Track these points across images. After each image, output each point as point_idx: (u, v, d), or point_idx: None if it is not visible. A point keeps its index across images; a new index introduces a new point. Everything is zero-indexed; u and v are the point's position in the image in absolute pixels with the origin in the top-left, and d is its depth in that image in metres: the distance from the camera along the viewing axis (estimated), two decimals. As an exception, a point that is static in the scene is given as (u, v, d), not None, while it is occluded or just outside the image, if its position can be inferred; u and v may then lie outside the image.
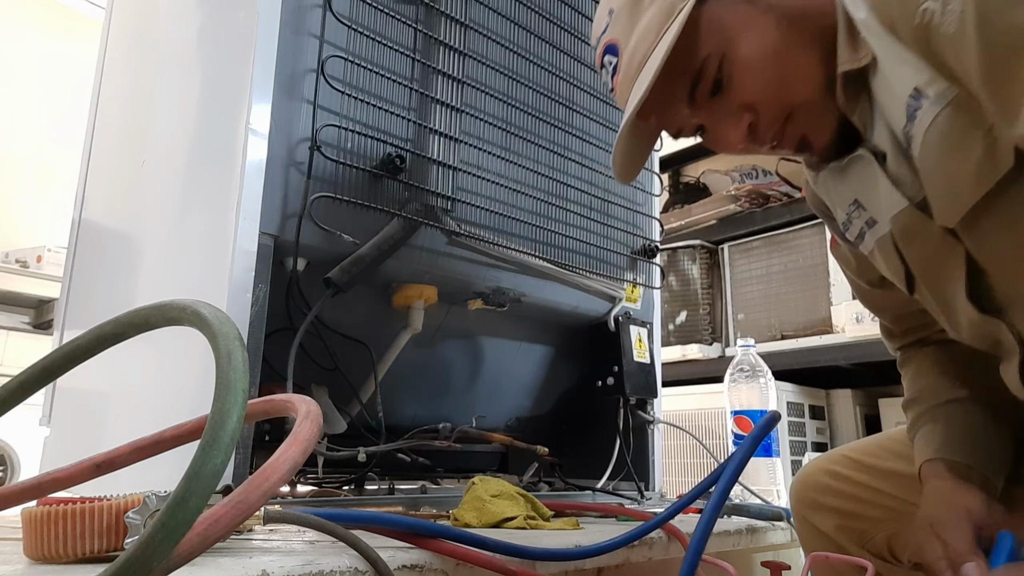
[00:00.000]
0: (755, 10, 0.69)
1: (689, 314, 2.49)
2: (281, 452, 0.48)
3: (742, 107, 0.71)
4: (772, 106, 0.70)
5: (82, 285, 1.31)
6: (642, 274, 1.40)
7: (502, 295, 1.15)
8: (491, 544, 0.67)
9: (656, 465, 1.37)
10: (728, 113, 0.72)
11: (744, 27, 0.69)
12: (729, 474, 0.64)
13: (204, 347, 0.47)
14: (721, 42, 0.70)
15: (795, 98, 0.69)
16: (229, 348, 0.46)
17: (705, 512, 0.63)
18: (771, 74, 0.69)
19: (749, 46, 0.69)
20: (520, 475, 1.27)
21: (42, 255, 2.75)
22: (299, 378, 0.91)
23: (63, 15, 3.38)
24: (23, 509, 0.58)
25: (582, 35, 1.31)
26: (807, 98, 0.68)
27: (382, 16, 1.04)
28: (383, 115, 1.02)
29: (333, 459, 0.98)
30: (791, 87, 0.68)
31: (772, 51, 0.68)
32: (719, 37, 0.70)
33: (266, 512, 0.61)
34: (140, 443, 0.68)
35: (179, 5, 1.18)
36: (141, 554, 0.38)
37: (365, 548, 0.60)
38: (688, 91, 0.72)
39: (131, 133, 1.26)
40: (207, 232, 0.94)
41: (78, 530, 0.54)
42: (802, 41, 0.67)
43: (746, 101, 0.70)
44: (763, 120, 0.70)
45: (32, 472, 0.81)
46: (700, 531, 0.62)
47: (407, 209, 1.02)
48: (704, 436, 2.01)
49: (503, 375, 1.34)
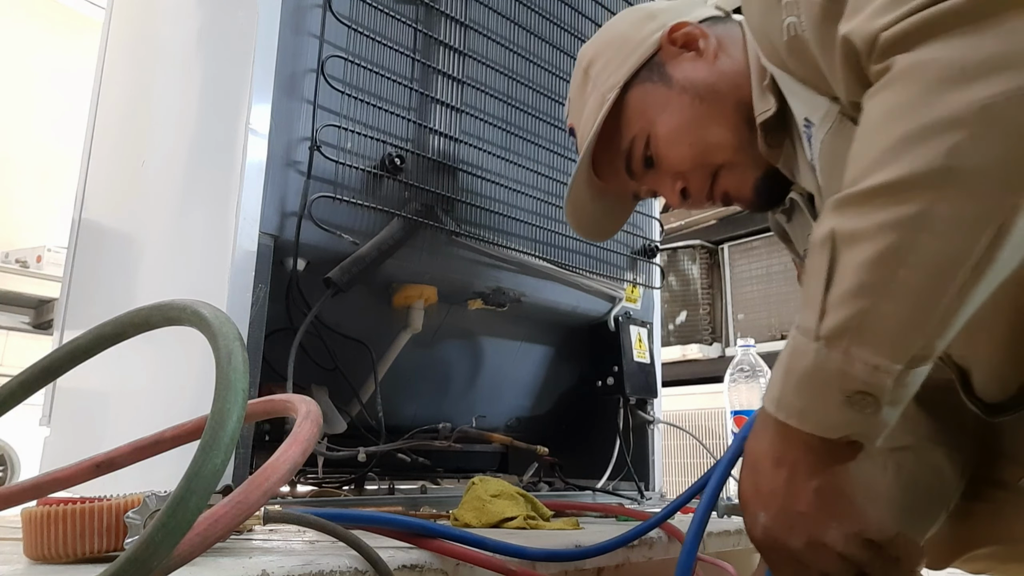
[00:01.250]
0: (672, 92, 0.77)
1: (689, 314, 2.49)
2: (281, 452, 0.48)
3: (673, 176, 0.79)
4: (697, 172, 0.78)
5: (82, 285, 1.31)
6: (642, 274, 1.40)
7: (502, 295, 1.15)
8: (491, 544, 0.67)
9: (656, 465, 1.37)
10: (663, 181, 0.81)
11: (663, 108, 0.78)
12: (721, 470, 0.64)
13: (204, 347, 0.47)
14: (645, 123, 0.79)
15: (716, 160, 0.76)
16: (229, 348, 0.46)
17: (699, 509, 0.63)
18: (689, 145, 0.77)
19: (668, 124, 0.78)
20: (520, 475, 1.27)
21: (42, 255, 2.75)
22: (299, 378, 0.91)
23: (63, 15, 3.38)
24: (23, 509, 0.58)
25: (582, 35, 1.31)
26: (727, 159, 0.76)
27: (382, 16, 1.04)
28: (383, 115, 1.02)
29: (333, 459, 0.98)
30: (710, 153, 0.76)
31: (688, 125, 0.76)
32: (643, 119, 0.79)
33: (266, 512, 0.61)
34: (140, 443, 0.68)
35: (179, 5, 1.18)
36: (141, 554, 0.38)
37: (365, 548, 0.60)
38: (624, 167, 0.82)
39: (131, 133, 1.26)
40: (207, 232, 0.94)
41: (78, 530, 0.54)
42: (715, 112, 0.75)
43: (674, 171, 0.79)
44: (693, 185, 0.79)
45: (32, 472, 0.81)
46: (694, 529, 0.62)
47: (407, 209, 1.02)
48: (704, 436, 2.02)
49: (503, 375, 1.34)
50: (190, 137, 1.07)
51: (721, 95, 0.75)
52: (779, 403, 0.53)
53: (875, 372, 0.47)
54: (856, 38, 0.51)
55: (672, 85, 0.78)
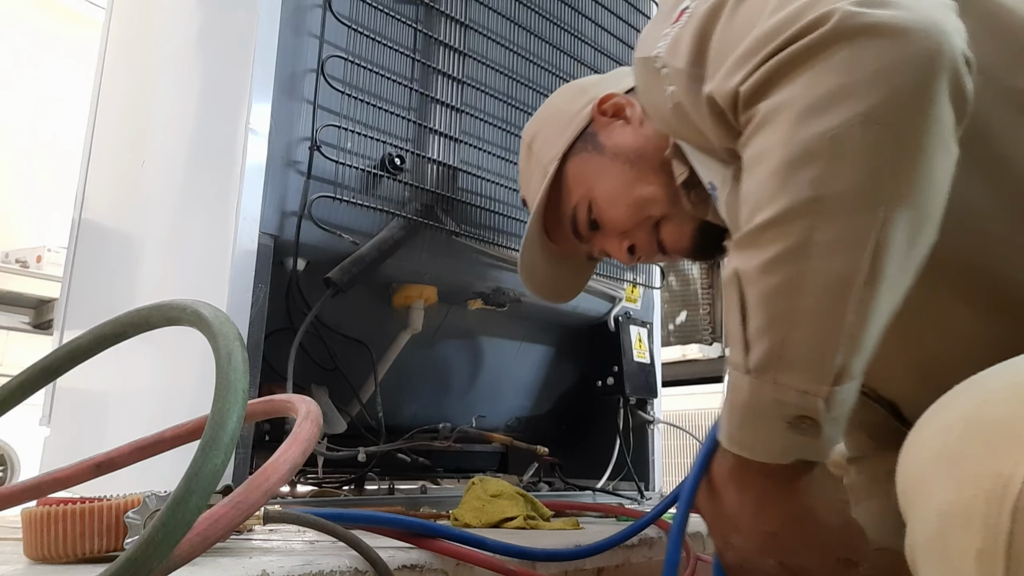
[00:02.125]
0: (605, 158, 0.83)
1: (689, 314, 2.49)
2: (281, 452, 0.48)
3: (618, 236, 0.84)
4: (639, 229, 0.83)
5: (82, 285, 1.31)
6: (642, 274, 1.40)
7: (502, 295, 1.15)
8: (491, 544, 0.67)
9: (656, 465, 1.37)
10: (610, 242, 0.86)
11: (598, 174, 0.83)
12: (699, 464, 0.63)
13: (204, 347, 0.47)
14: (584, 191, 0.84)
15: (654, 214, 0.81)
16: (229, 348, 0.46)
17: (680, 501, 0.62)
18: (627, 206, 0.82)
19: (605, 189, 0.83)
20: (520, 475, 1.27)
21: (42, 255, 2.75)
22: (299, 378, 0.91)
23: (63, 15, 3.38)
24: (23, 509, 0.58)
25: (582, 35, 1.31)
26: (663, 212, 0.80)
27: (382, 16, 1.04)
28: (383, 115, 1.02)
29: (333, 459, 0.98)
30: (646, 208, 0.81)
31: (622, 188, 0.81)
32: (582, 187, 0.84)
33: (266, 512, 0.61)
34: (140, 443, 0.68)
35: (179, 5, 1.18)
36: (141, 554, 0.38)
37: (365, 548, 0.60)
38: (572, 231, 0.87)
39: (131, 133, 1.26)
40: (207, 232, 0.94)
41: (78, 530, 0.54)
42: (645, 173, 0.79)
43: (619, 231, 0.84)
44: (638, 242, 0.84)
45: (32, 472, 0.81)
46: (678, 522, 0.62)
47: (407, 209, 1.02)
48: (704, 436, 2.01)
49: (503, 375, 1.34)
50: (190, 137, 1.07)
51: (647, 157, 0.79)
52: (730, 438, 0.55)
53: (805, 396, 0.49)
54: (718, 96, 0.55)
55: (604, 152, 0.83)
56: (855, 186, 0.47)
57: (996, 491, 0.36)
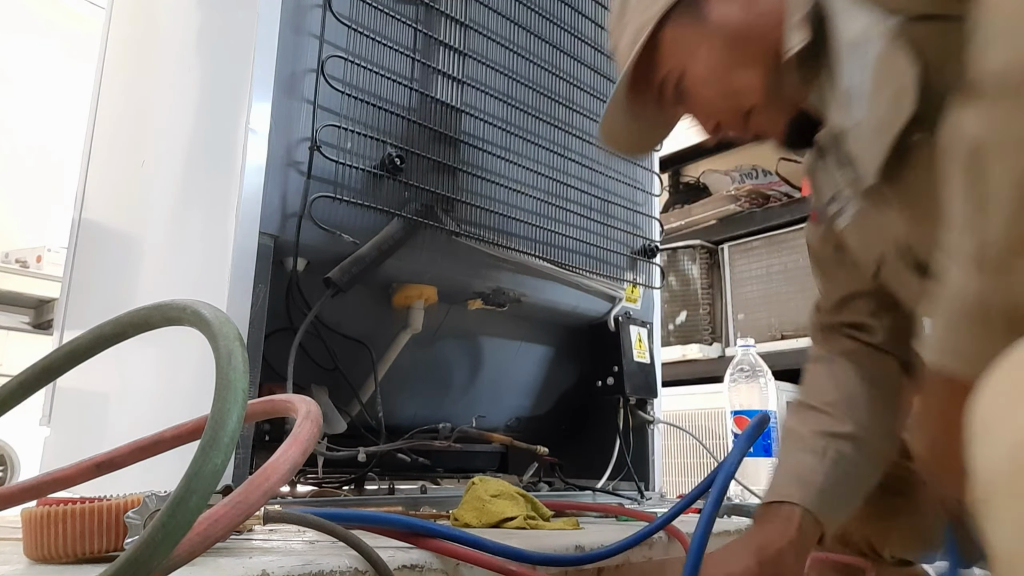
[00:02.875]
0: (704, 32, 0.77)
1: (689, 314, 2.49)
2: (281, 452, 0.48)
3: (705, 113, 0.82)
4: (728, 113, 0.79)
5: (82, 285, 1.31)
6: (642, 274, 1.40)
7: (502, 295, 1.15)
8: (490, 546, 0.67)
9: (656, 465, 1.37)
10: (697, 114, 0.83)
11: (694, 49, 0.78)
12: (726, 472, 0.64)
13: (204, 347, 0.47)
14: (676, 63, 0.79)
15: (745, 104, 0.77)
16: (229, 348, 0.46)
17: (704, 511, 0.63)
18: (718, 91, 0.78)
19: (698, 68, 0.78)
20: (520, 475, 1.27)
21: (42, 255, 2.75)
22: (299, 378, 0.91)
23: (63, 15, 3.38)
24: (23, 509, 0.58)
25: (582, 35, 1.31)
26: (756, 102, 0.76)
27: (382, 16, 1.04)
28: (383, 115, 1.02)
29: (333, 459, 0.98)
30: (739, 98, 0.77)
31: (717, 71, 0.77)
32: (674, 59, 0.79)
33: (266, 512, 0.61)
34: (140, 443, 0.68)
35: (179, 5, 1.18)
36: (141, 554, 0.38)
37: (365, 548, 0.60)
38: (657, 96, 0.83)
39: (131, 133, 1.26)
40: (207, 232, 0.94)
41: (78, 530, 0.54)
42: (747, 57, 0.75)
43: (705, 110, 0.81)
44: (725, 122, 0.80)
45: (32, 472, 0.81)
46: (700, 531, 0.62)
47: (407, 209, 1.02)
48: (704, 436, 2.01)
49: (503, 375, 1.34)
50: (190, 137, 1.07)
51: (753, 38, 0.74)
52: (955, 352, 0.48)
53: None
54: None
55: (707, 24, 0.77)
56: None
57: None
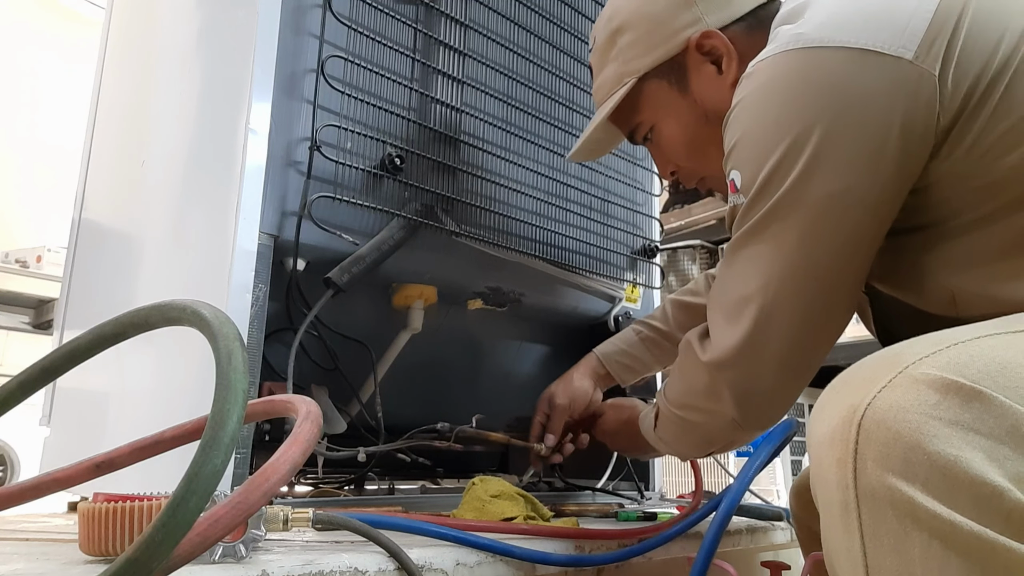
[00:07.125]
0: (684, 102, 0.83)
1: (689, 314, 2.49)
2: (281, 452, 0.48)
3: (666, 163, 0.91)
4: (686, 171, 0.90)
5: (82, 285, 1.31)
6: (642, 274, 1.40)
7: (502, 295, 1.15)
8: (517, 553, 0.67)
9: (656, 465, 1.37)
10: (658, 160, 0.93)
11: (671, 112, 0.85)
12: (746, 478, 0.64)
13: (204, 347, 0.47)
14: (652, 115, 0.87)
15: (702, 172, 0.87)
16: (229, 348, 0.46)
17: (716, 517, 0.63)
18: (686, 157, 0.87)
19: (672, 127, 0.86)
20: (520, 475, 1.27)
21: (42, 255, 2.75)
22: (299, 378, 0.91)
23: (63, 15, 3.38)
24: (79, 505, 0.60)
25: (582, 35, 1.31)
26: (714, 173, 0.83)
27: (382, 16, 1.03)
28: (383, 115, 1.02)
29: (333, 459, 0.98)
30: (699, 164, 0.86)
31: (689, 141, 0.85)
32: (651, 113, 0.87)
33: (314, 515, 0.63)
34: (140, 443, 0.68)
35: (179, 5, 1.18)
36: (141, 554, 0.38)
37: (405, 559, 0.60)
38: (628, 135, 0.93)
39: (131, 133, 1.26)
40: (207, 232, 0.94)
41: (136, 526, 0.57)
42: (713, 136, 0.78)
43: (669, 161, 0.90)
44: (682, 177, 0.91)
45: (32, 472, 0.81)
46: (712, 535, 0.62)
47: (407, 209, 1.02)
48: (704, 436, 2.01)
49: (503, 375, 1.34)
50: (190, 137, 1.07)
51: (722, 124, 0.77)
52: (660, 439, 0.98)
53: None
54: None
55: (687, 95, 0.83)
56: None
57: (848, 416, 0.49)
